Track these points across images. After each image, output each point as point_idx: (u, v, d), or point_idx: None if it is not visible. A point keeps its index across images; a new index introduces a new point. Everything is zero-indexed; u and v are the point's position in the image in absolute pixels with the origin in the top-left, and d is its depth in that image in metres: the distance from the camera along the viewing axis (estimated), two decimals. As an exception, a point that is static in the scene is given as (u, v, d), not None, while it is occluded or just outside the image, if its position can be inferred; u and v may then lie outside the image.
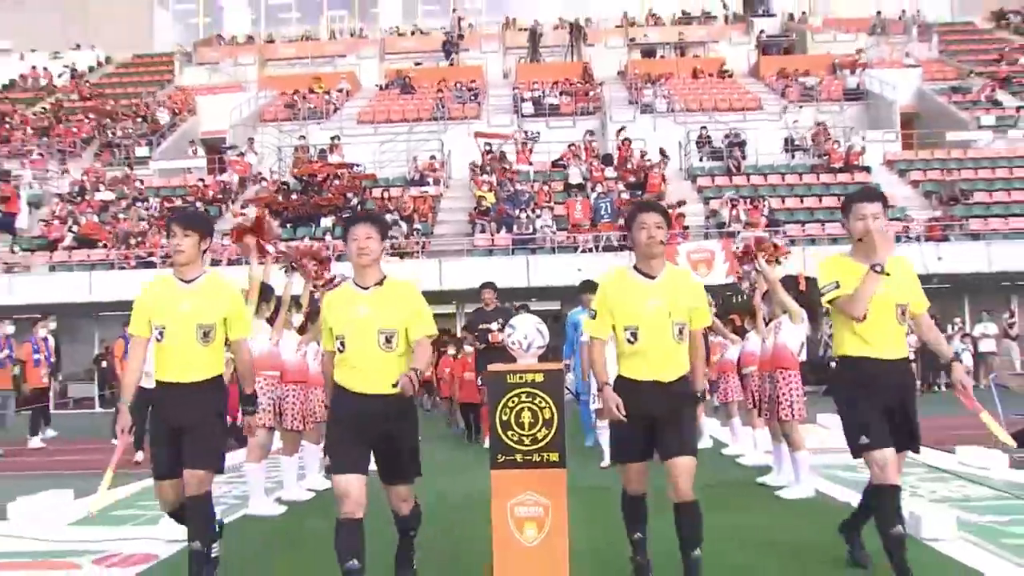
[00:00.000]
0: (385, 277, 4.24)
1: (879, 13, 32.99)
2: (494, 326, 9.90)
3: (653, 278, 4.21)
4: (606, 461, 8.10)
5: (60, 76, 32.84)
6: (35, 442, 12.24)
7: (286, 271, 7.49)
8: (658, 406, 4.10)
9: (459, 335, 14.54)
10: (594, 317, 4.27)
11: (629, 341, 4.17)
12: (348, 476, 4.00)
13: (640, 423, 4.11)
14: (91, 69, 34.23)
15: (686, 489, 4.05)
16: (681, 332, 4.17)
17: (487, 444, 8.32)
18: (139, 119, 28.24)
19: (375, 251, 4.20)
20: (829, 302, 4.28)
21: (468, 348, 11.57)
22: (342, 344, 4.13)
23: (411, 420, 4.21)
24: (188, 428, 4.31)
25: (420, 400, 13.93)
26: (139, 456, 9.64)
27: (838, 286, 4.21)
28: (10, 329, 12.44)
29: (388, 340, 4.09)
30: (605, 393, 4.18)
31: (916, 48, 30.88)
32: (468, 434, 11.70)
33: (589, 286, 9.01)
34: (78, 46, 34.61)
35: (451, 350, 13.19)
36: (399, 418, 4.11)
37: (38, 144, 26.25)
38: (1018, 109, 25.23)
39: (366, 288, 4.19)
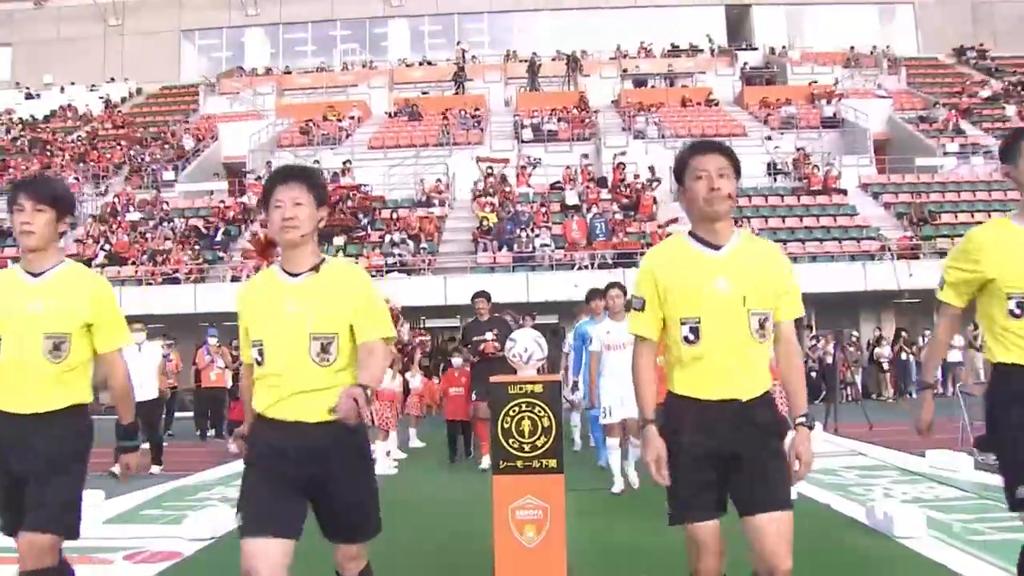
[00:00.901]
0: (323, 260, 2.87)
1: (852, 48, 33.19)
2: (488, 336, 8.83)
3: (718, 248, 2.75)
4: (617, 486, 7.00)
5: (100, 104, 33.12)
6: None
7: None
8: (734, 438, 2.66)
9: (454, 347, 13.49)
10: (641, 308, 2.80)
11: (688, 340, 2.70)
12: (256, 541, 2.63)
13: (709, 462, 2.68)
14: (123, 100, 34.45)
15: (782, 557, 2.60)
16: (762, 326, 2.70)
17: (484, 464, 8.05)
18: (166, 145, 28.36)
19: (307, 222, 2.80)
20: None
21: (457, 362, 10.22)
22: (260, 353, 2.78)
23: (359, 459, 2.85)
24: (33, 477, 2.91)
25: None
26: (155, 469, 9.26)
27: (943, 287, 2.97)
28: None
29: (324, 348, 2.75)
30: (647, 437, 2.74)
31: (886, 80, 31.07)
32: (452, 453, 9.68)
33: (595, 294, 8.40)
34: (112, 79, 34.85)
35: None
36: (341, 457, 2.75)
37: (75, 169, 26.37)
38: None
39: (296, 275, 2.83)
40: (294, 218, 2.77)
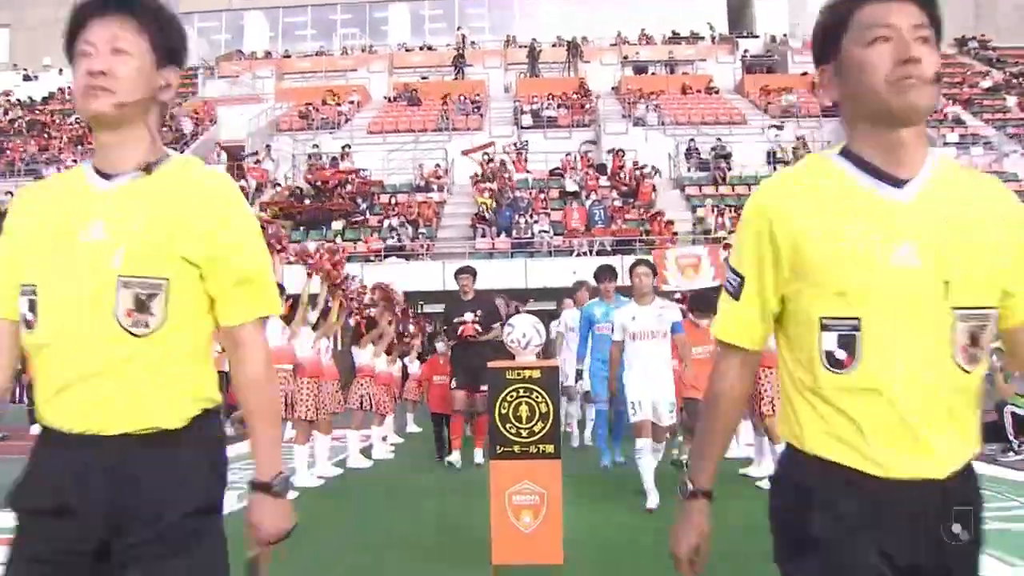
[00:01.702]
0: (166, 156, 1.63)
1: (854, 36, 33.08)
2: (468, 316, 7.83)
3: (901, 184, 1.40)
4: (653, 500, 5.59)
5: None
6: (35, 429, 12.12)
7: (309, 274, 7.61)
8: (920, 546, 1.36)
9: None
10: (735, 292, 1.53)
11: (833, 363, 1.40)
12: None
13: None
14: (122, 81, 34.31)
15: None
16: (975, 342, 1.37)
17: (479, 459, 7.79)
18: (164, 128, 28.23)
19: (134, 84, 1.58)
20: None
21: (441, 347, 9.34)
22: (31, 307, 1.54)
23: (199, 515, 1.59)
24: None
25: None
26: None
27: None
28: None
29: (142, 304, 1.52)
30: (687, 513, 1.57)
31: (888, 69, 30.96)
32: (439, 449, 8.56)
33: (606, 272, 7.58)
34: (111, 61, 34.76)
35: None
36: (165, 490, 1.53)
37: (73, 151, 26.28)
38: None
39: (109, 178, 1.59)
40: (107, 74, 1.55)
